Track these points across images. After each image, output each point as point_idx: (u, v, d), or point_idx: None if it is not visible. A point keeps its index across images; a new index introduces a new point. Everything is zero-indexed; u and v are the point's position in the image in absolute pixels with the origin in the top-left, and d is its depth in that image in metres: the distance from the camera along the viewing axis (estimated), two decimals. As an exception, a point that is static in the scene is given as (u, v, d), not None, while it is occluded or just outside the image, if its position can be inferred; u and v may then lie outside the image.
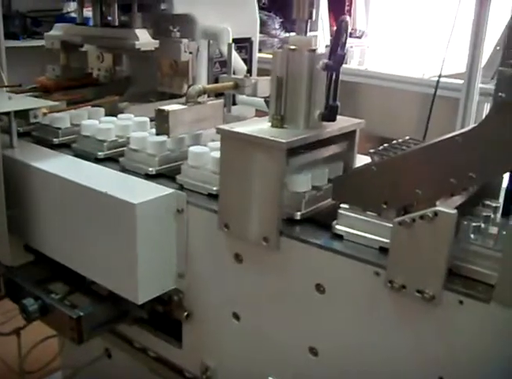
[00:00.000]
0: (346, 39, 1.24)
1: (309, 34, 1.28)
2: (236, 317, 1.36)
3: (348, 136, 1.38)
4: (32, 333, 2.11)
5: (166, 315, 1.49)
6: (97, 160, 1.61)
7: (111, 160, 1.61)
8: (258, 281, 1.30)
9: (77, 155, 1.64)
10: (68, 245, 1.53)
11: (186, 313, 1.45)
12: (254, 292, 1.32)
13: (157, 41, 1.88)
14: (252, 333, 1.35)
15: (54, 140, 1.72)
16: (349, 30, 1.25)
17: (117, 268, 1.40)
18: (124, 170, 1.54)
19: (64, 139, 1.73)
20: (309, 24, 1.29)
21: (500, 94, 0.98)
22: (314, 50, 1.24)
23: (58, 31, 2.13)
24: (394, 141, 1.29)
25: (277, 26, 4.64)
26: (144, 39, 1.85)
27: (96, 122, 1.69)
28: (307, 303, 1.23)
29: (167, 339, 1.56)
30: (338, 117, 1.30)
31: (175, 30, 1.95)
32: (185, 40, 1.92)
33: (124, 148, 1.58)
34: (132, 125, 1.69)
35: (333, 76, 1.25)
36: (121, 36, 1.90)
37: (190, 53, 1.95)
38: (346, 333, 1.19)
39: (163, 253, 1.39)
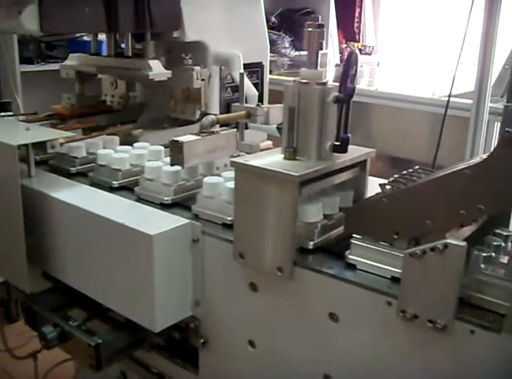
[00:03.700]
0: (356, 71, 1.27)
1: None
2: (252, 344, 1.38)
3: (359, 164, 1.40)
4: (48, 356, 2.13)
5: (182, 341, 1.52)
6: (112, 189, 1.64)
7: (126, 189, 1.64)
8: (273, 310, 1.32)
9: (93, 184, 1.68)
10: (85, 274, 1.56)
11: (202, 341, 1.47)
12: (269, 320, 1.34)
13: (170, 71, 1.91)
14: (267, 361, 1.37)
15: (71, 169, 1.76)
16: (359, 63, 1.28)
17: (134, 296, 1.43)
18: (139, 199, 1.57)
19: (80, 168, 1.77)
20: (320, 56, 1.32)
21: (507, 129, 1.00)
22: (324, 84, 1.27)
23: (72, 61, 2.18)
24: (404, 171, 1.31)
25: (287, 45, 4.67)
26: (157, 69, 1.88)
27: (111, 152, 1.72)
28: (321, 332, 1.25)
29: (183, 365, 1.59)
30: (349, 147, 1.32)
31: (187, 57, 1.99)
32: (197, 68, 1.95)
33: (139, 177, 1.61)
34: (147, 154, 1.72)
35: (344, 109, 1.28)
36: (134, 67, 1.94)
37: (203, 80, 1.98)
38: (359, 361, 1.21)
39: (179, 281, 1.42)
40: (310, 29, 1.28)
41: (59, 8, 1.70)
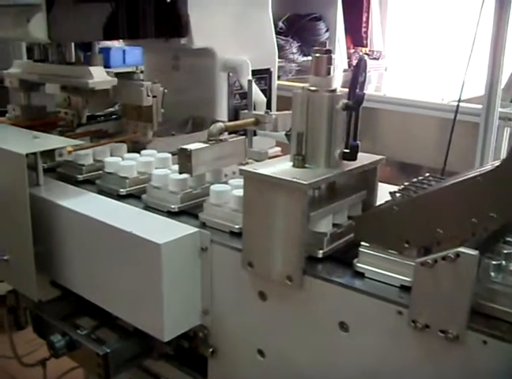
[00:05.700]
0: (365, 78, 1.26)
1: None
2: (261, 353, 1.37)
3: (368, 172, 1.39)
4: (57, 363, 2.13)
5: (191, 351, 1.51)
6: (120, 197, 1.64)
7: (133, 197, 1.64)
8: (283, 319, 1.31)
9: (100, 192, 1.68)
10: (93, 282, 1.55)
11: (211, 350, 1.46)
12: (278, 329, 1.33)
13: (115, 79, 1.80)
14: (277, 370, 1.35)
15: (79, 176, 1.75)
16: (367, 68, 1.27)
17: (142, 305, 1.42)
18: (146, 207, 1.56)
19: (88, 175, 1.76)
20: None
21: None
22: (333, 91, 1.26)
23: (16, 68, 2.08)
24: (415, 179, 1.30)
25: (295, 50, 4.67)
26: (99, 77, 1.78)
27: (118, 159, 1.72)
28: (331, 341, 1.24)
29: (192, 374, 1.58)
30: (359, 154, 1.31)
31: (137, 71, 1.91)
32: (147, 83, 1.84)
33: (146, 185, 1.60)
34: (154, 161, 1.71)
35: (353, 116, 1.26)
36: (75, 74, 1.84)
37: (154, 96, 1.85)
38: (370, 371, 1.20)
39: (188, 290, 1.41)
40: (317, 55, 1.28)
41: (67, 16, 1.70)
